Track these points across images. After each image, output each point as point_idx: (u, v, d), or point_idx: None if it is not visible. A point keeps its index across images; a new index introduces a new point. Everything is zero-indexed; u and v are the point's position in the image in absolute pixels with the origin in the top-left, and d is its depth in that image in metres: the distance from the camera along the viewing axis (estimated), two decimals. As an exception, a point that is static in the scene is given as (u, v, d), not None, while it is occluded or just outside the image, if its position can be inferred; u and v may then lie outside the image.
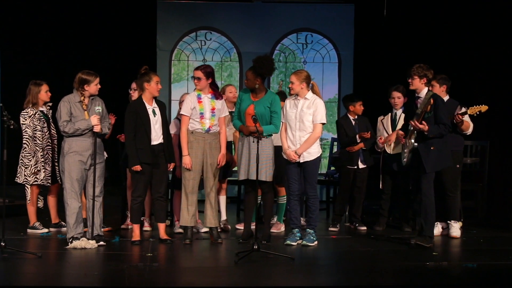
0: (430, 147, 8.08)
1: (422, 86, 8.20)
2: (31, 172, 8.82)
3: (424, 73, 8.16)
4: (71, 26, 12.90)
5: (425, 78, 8.17)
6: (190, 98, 8.37)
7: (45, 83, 9.02)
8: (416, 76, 8.18)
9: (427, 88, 8.21)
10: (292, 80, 8.33)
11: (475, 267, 7.26)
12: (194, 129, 8.31)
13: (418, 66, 8.20)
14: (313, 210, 8.40)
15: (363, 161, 9.47)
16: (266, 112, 8.32)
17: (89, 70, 8.16)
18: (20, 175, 8.88)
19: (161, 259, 7.67)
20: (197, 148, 8.30)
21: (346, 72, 13.21)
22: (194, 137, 8.30)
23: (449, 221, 9.00)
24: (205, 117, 8.31)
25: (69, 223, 8.01)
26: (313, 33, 13.30)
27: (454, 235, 8.94)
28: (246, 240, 8.33)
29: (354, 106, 9.55)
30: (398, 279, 6.90)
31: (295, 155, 8.26)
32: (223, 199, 9.32)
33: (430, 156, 8.08)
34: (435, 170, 8.17)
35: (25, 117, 8.87)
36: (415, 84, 8.21)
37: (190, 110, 8.30)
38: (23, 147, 8.88)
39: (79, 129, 7.96)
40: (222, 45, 13.22)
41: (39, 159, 8.86)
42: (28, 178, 8.85)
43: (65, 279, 6.83)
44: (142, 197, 8.34)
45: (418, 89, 8.22)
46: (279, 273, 6.99)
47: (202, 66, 8.54)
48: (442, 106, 8.15)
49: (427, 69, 8.19)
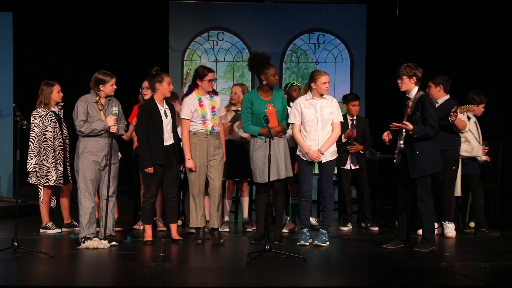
0: (416, 151, 7.96)
1: (412, 86, 8.05)
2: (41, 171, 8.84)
3: (413, 72, 8.01)
4: (84, 26, 12.94)
5: (414, 77, 8.03)
6: (190, 101, 8.31)
7: (57, 84, 9.04)
8: (405, 76, 8.03)
9: (417, 88, 8.08)
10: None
11: (488, 267, 7.24)
12: (197, 130, 8.30)
13: (406, 65, 8.05)
14: (328, 210, 8.39)
15: (354, 162, 9.49)
16: (282, 107, 8.36)
17: (105, 71, 8.13)
18: (32, 176, 8.91)
19: (173, 259, 7.68)
20: (200, 149, 8.28)
21: (358, 72, 13.18)
22: (197, 138, 8.29)
23: (443, 222, 9.00)
24: (207, 119, 8.30)
25: (82, 223, 8.03)
26: (325, 33, 13.28)
27: (450, 235, 8.96)
28: (258, 241, 8.33)
29: (347, 106, 9.58)
30: (410, 279, 6.88)
31: (319, 154, 8.24)
32: (246, 200, 9.41)
33: (416, 161, 7.96)
34: (422, 175, 7.96)
35: (35, 117, 8.89)
36: (405, 84, 8.06)
37: (191, 113, 8.27)
38: (29, 145, 8.90)
39: (95, 130, 7.97)
40: (234, 45, 13.22)
41: (49, 159, 8.88)
42: (40, 180, 8.88)
43: (78, 279, 6.84)
44: (154, 198, 8.36)
45: (409, 89, 8.09)
46: (291, 274, 6.98)
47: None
48: (429, 108, 7.97)
49: (415, 68, 8.03)
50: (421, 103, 7.94)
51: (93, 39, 12.94)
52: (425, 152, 7.96)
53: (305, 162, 8.32)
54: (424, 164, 7.96)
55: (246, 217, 9.47)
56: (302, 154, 8.33)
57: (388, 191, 10.68)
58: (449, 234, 8.96)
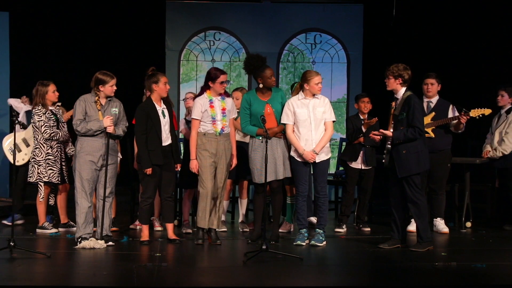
0: (402, 151, 7.97)
1: (398, 86, 8.06)
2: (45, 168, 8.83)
3: (399, 73, 8.01)
4: (80, 26, 12.92)
5: (400, 78, 8.02)
6: (201, 101, 8.29)
7: (52, 83, 9.02)
8: (391, 76, 8.05)
9: (404, 89, 8.07)
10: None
11: (485, 267, 7.24)
12: (206, 130, 8.29)
13: (394, 66, 8.06)
14: (323, 210, 8.40)
15: (365, 161, 9.43)
16: (281, 108, 8.37)
17: (106, 71, 8.12)
18: (33, 174, 8.89)
19: (170, 259, 7.67)
20: (210, 149, 8.26)
21: (355, 72, 13.18)
22: (207, 139, 8.28)
23: (434, 219, 9.09)
24: (217, 120, 8.28)
25: (78, 222, 8.03)
26: (322, 33, 13.27)
27: (445, 231, 9.10)
28: (255, 241, 8.33)
29: (357, 104, 9.57)
30: (407, 279, 6.89)
31: (313, 154, 8.24)
32: (244, 202, 9.40)
33: (403, 160, 7.97)
34: (408, 174, 7.96)
35: (39, 115, 8.86)
36: (391, 84, 8.08)
37: (201, 114, 8.26)
38: (35, 145, 8.90)
39: (91, 130, 7.96)
40: (231, 45, 13.21)
41: (50, 156, 8.86)
42: (41, 176, 8.86)
43: (74, 279, 6.84)
44: (152, 198, 8.36)
45: (395, 89, 8.09)
46: (287, 273, 6.98)
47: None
48: (416, 108, 7.95)
49: (403, 69, 8.03)
50: (407, 104, 7.96)
51: (89, 39, 12.92)
52: (411, 151, 7.97)
53: (300, 162, 8.32)
54: (410, 163, 7.97)
55: (243, 219, 9.45)
56: (297, 155, 8.33)
57: (385, 191, 10.67)
58: (444, 229, 9.10)
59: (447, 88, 9.41)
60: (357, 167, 9.45)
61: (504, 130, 9.43)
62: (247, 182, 9.41)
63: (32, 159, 8.90)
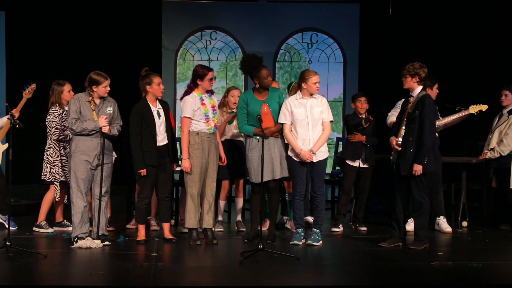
0: (410, 149, 8.00)
1: (414, 85, 8.09)
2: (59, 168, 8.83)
3: (415, 71, 8.05)
4: (77, 26, 12.93)
5: (416, 76, 8.07)
6: (192, 100, 8.25)
7: (67, 83, 8.95)
8: (408, 75, 8.09)
9: (420, 88, 8.12)
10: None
11: (481, 266, 7.25)
12: (200, 129, 8.28)
13: (410, 64, 8.10)
14: (320, 210, 8.40)
15: (364, 159, 9.42)
16: (278, 107, 8.37)
17: (100, 72, 8.08)
18: (47, 173, 8.87)
19: (166, 258, 7.67)
20: (203, 149, 8.26)
21: (351, 71, 13.21)
22: (200, 138, 8.26)
23: (437, 218, 9.09)
24: (210, 117, 8.29)
25: (74, 222, 8.02)
26: (319, 33, 13.30)
27: (448, 230, 9.07)
28: (251, 240, 8.33)
29: (354, 104, 9.57)
30: (403, 278, 6.89)
31: (310, 154, 8.25)
32: (240, 201, 9.39)
33: (408, 159, 7.99)
34: (410, 173, 7.99)
35: (55, 115, 8.84)
36: (407, 83, 8.12)
37: (193, 112, 8.25)
38: (48, 144, 8.87)
39: (86, 129, 7.94)
40: (227, 45, 13.23)
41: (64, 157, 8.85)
42: (57, 176, 8.84)
43: (70, 278, 6.84)
44: (149, 198, 8.35)
45: (411, 88, 8.13)
46: (284, 273, 6.98)
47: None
48: (428, 109, 7.98)
49: (419, 67, 8.07)
50: (421, 103, 7.99)
51: (86, 39, 12.92)
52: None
53: (297, 162, 8.32)
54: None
55: (239, 218, 9.43)
56: (294, 155, 8.33)
57: (381, 191, 10.69)
58: (447, 229, 9.07)
59: (443, 88, 9.42)
60: (356, 165, 9.43)
61: (504, 130, 9.43)
62: (243, 181, 9.40)
63: (46, 158, 8.89)
